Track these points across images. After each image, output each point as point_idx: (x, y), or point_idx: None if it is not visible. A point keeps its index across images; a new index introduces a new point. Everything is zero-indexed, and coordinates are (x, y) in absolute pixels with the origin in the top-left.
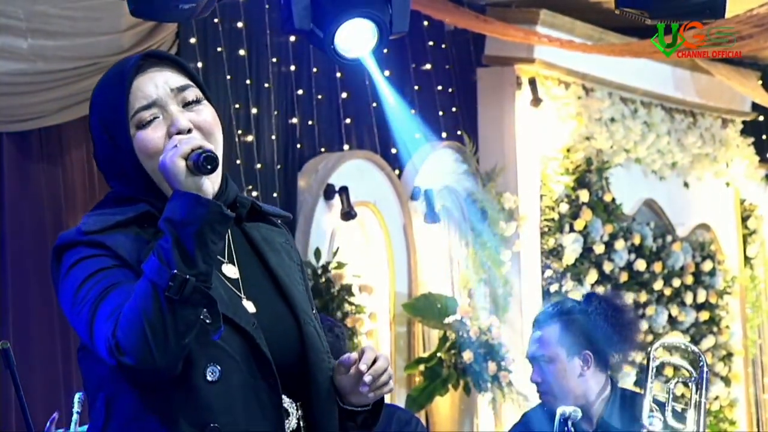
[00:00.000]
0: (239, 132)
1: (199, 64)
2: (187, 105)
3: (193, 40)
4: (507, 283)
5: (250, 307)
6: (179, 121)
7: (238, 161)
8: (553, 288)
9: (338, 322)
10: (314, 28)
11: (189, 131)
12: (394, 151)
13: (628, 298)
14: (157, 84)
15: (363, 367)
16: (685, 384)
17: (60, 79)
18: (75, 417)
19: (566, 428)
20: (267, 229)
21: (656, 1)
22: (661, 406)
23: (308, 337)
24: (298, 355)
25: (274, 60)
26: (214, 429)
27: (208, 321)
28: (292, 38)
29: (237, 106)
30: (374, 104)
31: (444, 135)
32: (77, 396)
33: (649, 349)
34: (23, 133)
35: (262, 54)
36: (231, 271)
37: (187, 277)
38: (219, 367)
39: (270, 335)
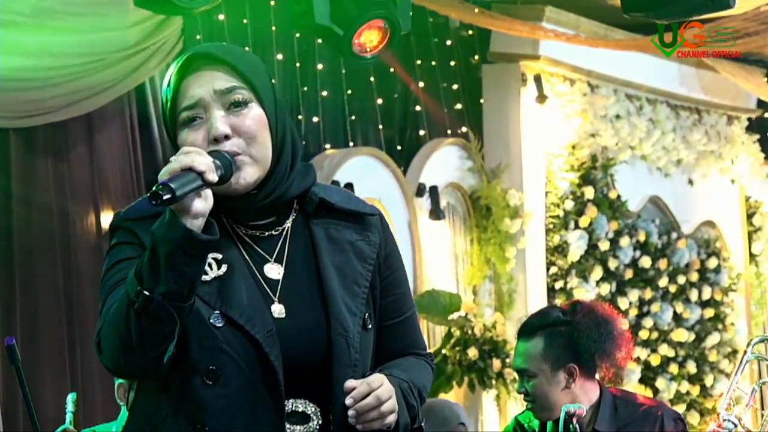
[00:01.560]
0: None
1: None
2: (232, 107)
3: (198, 37)
4: (512, 280)
5: (278, 311)
6: (215, 127)
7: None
8: (558, 285)
9: None
10: (332, 25)
11: (226, 137)
12: (399, 147)
13: (631, 296)
14: (203, 84)
15: (349, 401)
16: None
17: (66, 75)
18: (69, 416)
19: (571, 426)
20: (339, 225)
21: (662, 3)
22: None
23: (335, 348)
24: (323, 363)
25: (279, 57)
26: (202, 429)
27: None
28: (297, 35)
29: None
30: (379, 101)
31: (449, 131)
32: (70, 396)
33: (748, 343)
34: (30, 129)
35: (267, 50)
36: (274, 271)
37: (153, 295)
38: (219, 371)
39: (294, 343)
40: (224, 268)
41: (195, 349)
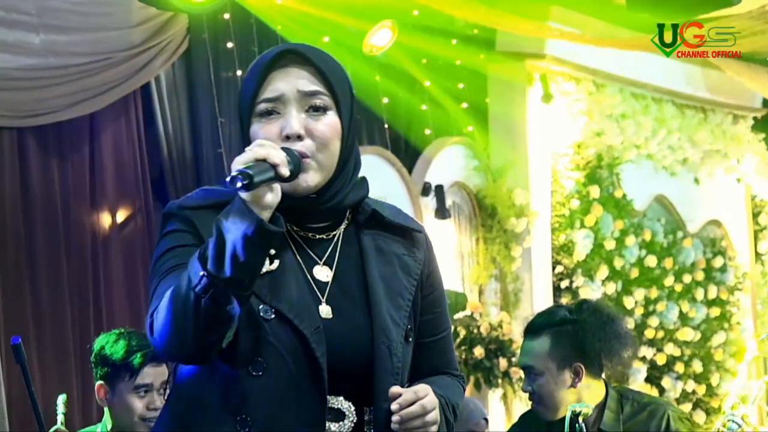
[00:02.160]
0: None
1: (210, 60)
2: (311, 110)
3: (204, 36)
4: (517, 279)
5: (326, 311)
6: (290, 125)
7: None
8: (564, 284)
9: None
10: None
11: (299, 137)
12: (404, 146)
13: (636, 295)
14: (289, 81)
15: (395, 406)
16: None
17: (71, 74)
18: (61, 417)
19: (577, 425)
20: (388, 238)
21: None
22: None
23: (377, 356)
24: (365, 368)
25: None
26: (245, 421)
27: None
28: (303, 34)
29: None
30: (385, 100)
31: (455, 131)
32: (61, 397)
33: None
34: (35, 128)
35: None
36: (323, 273)
37: (216, 280)
38: (265, 362)
39: (339, 343)
40: (276, 263)
41: (243, 340)
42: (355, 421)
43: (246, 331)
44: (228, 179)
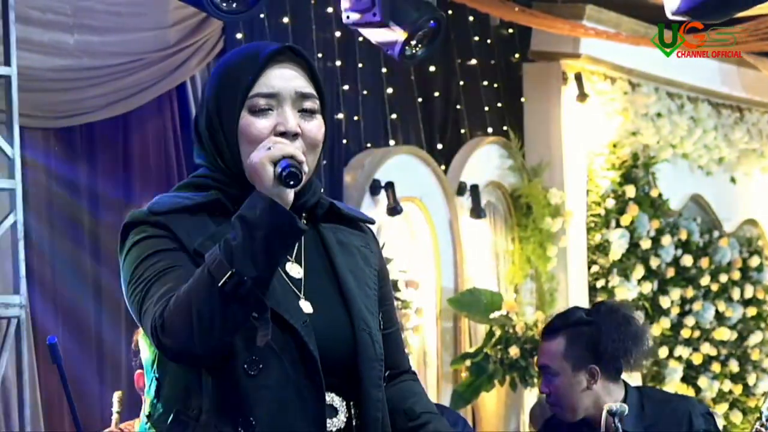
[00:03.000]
0: None
1: None
2: (303, 112)
3: (239, 36)
4: (553, 279)
5: (306, 307)
6: (289, 122)
7: None
8: (600, 283)
9: None
10: (392, 23)
11: (295, 135)
12: (440, 146)
13: (673, 294)
14: (287, 80)
15: None
16: None
17: (106, 75)
18: (115, 416)
19: (614, 424)
20: (345, 231)
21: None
22: None
23: (360, 344)
24: (350, 358)
25: (320, 55)
26: (248, 422)
27: (258, 327)
28: (338, 33)
29: None
30: (420, 99)
31: (490, 130)
32: (116, 395)
33: None
34: (69, 129)
35: (307, 49)
36: (295, 270)
37: (245, 278)
38: (260, 362)
39: (322, 336)
40: None
41: (236, 341)
42: (347, 415)
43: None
44: (286, 176)
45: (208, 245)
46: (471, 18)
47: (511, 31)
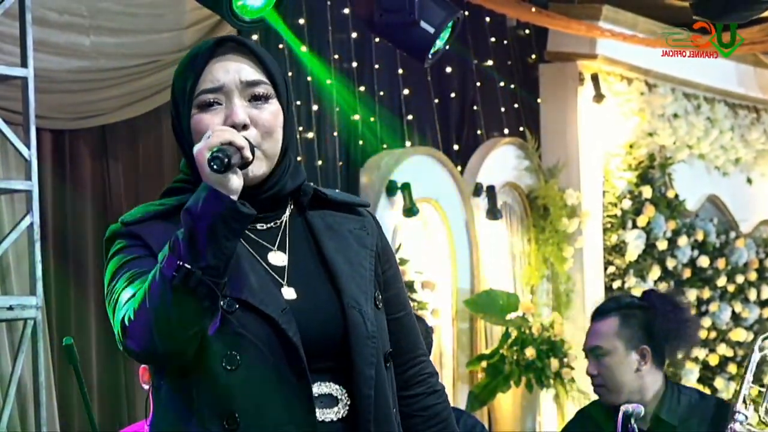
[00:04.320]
0: (300, 129)
1: None
2: (253, 100)
3: (255, 37)
4: (569, 280)
5: (289, 293)
6: (236, 114)
7: (299, 158)
8: (616, 284)
9: (422, 318)
10: (422, 22)
11: (244, 127)
12: (456, 147)
13: (689, 295)
14: (229, 71)
15: None
16: None
17: (122, 77)
18: None
19: (629, 426)
20: (337, 216)
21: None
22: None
23: (350, 322)
24: (342, 338)
25: (336, 56)
26: (233, 418)
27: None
28: (354, 34)
29: (298, 102)
30: (436, 100)
31: (506, 131)
32: None
33: (756, 340)
34: (85, 130)
35: (323, 50)
36: (278, 258)
37: (193, 269)
38: (238, 355)
39: (309, 321)
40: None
41: (212, 338)
42: (349, 404)
43: (213, 328)
44: (208, 159)
45: None
46: (487, 19)
47: (527, 31)
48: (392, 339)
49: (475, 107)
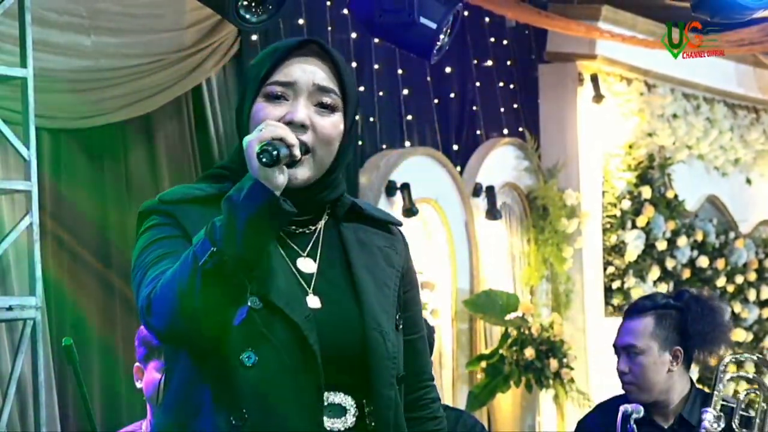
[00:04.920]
0: None
1: None
2: (319, 106)
3: (254, 38)
4: (569, 280)
5: (314, 302)
6: (297, 112)
7: None
8: (615, 284)
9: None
10: (423, 19)
11: (303, 127)
12: (455, 147)
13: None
14: (305, 71)
15: None
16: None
17: (122, 76)
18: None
19: (629, 426)
20: (369, 231)
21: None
22: (730, 411)
23: (370, 342)
24: (360, 356)
25: None
26: (241, 414)
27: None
28: (354, 35)
29: None
30: (436, 101)
31: (505, 131)
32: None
33: (721, 363)
34: (86, 130)
35: None
36: (307, 265)
37: (227, 257)
38: (257, 353)
39: (330, 333)
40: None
41: (233, 332)
42: (357, 415)
43: (237, 323)
44: (257, 151)
45: None
46: (487, 19)
47: (526, 32)
48: (405, 359)
49: (474, 107)
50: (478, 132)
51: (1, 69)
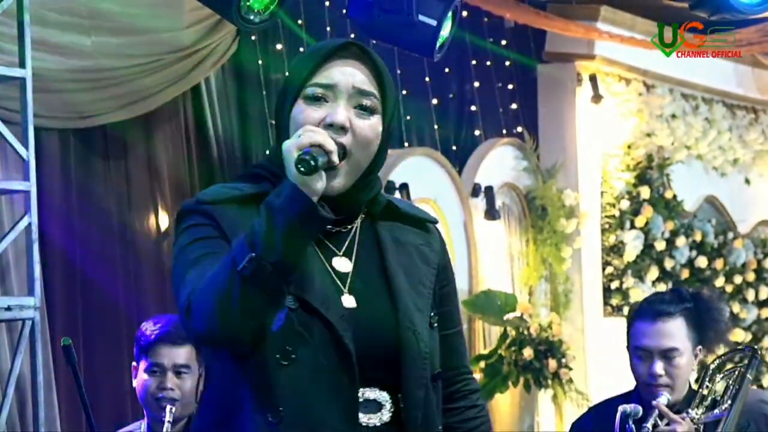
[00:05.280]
0: None
1: (260, 62)
2: (359, 108)
3: (253, 37)
4: (567, 280)
5: (350, 301)
6: (337, 114)
7: None
8: (614, 285)
9: None
10: (421, 16)
11: (343, 129)
12: (454, 147)
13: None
14: (345, 73)
15: None
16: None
17: (121, 77)
18: (167, 425)
19: (627, 426)
20: (404, 230)
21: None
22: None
23: (404, 341)
24: (393, 355)
25: None
26: (277, 411)
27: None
28: (352, 35)
29: None
30: (435, 101)
31: (504, 131)
32: (168, 408)
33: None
34: (85, 130)
35: None
36: (343, 264)
37: (265, 262)
38: (293, 352)
39: (364, 332)
40: None
41: (270, 331)
42: (393, 410)
43: (273, 322)
44: (296, 160)
45: None
46: (486, 19)
47: (525, 32)
48: (441, 354)
49: (473, 108)
50: (477, 132)
51: (0, 69)
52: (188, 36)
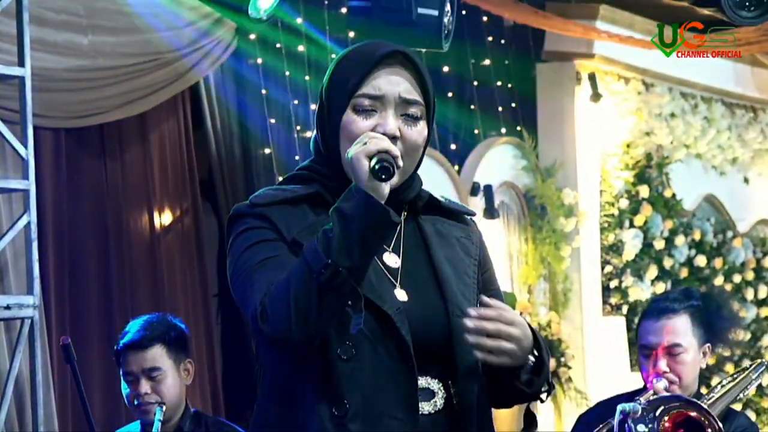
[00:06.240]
0: (298, 128)
1: (259, 60)
2: (405, 117)
3: (252, 36)
4: (566, 279)
5: (402, 295)
6: (388, 125)
7: (297, 157)
8: (613, 284)
9: None
10: (421, 9)
11: (393, 138)
12: (453, 146)
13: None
14: (392, 83)
15: (472, 313)
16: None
17: (120, 75)
18: (157, 424)
19: (626, 426)
20: (445, 223)
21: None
22: None
23: (454, 329)
24: (445, 344)
25: (333, 56)
26: (342, 404)
27: (352, 315)
28: (352, 34)
29: (296, 102)
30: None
31: (503, 130)
32: (158, 409)
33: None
34: (83, 129)
35: (321, 49)
36: (392, 260)
37: (340, 268)
38: (353, 346)
39: (417, 323)
40: None
41: (330, 328)
42: (445, 397)
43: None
44: (376, 168)
45: (305, 235)
46: (485, 18)
47: (524, 31)
48: None
49: (472, 106)
50: (476, 131)
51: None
52: (186, 35)
